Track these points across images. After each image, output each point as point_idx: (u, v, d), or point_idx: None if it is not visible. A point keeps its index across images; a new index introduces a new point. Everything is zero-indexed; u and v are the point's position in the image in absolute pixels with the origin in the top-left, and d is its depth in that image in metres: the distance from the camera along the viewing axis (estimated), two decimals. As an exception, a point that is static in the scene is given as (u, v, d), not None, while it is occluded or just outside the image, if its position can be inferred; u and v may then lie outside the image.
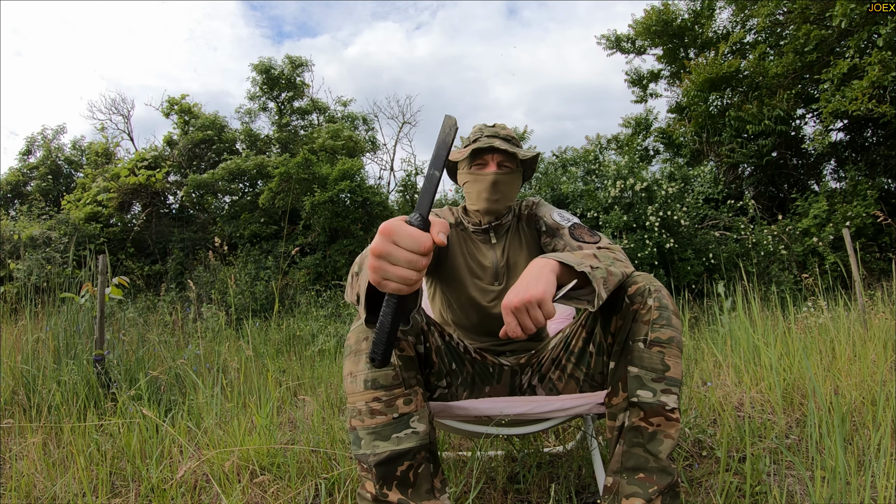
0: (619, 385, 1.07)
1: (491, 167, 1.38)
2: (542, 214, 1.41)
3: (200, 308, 5.15)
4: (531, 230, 1.44)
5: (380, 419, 0.98)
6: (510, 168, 1.39)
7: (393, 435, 0.98)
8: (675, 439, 1.04)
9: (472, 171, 1.40)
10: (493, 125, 1.43)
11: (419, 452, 0.99)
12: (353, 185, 8.01)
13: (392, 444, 0.97)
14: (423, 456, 1.00)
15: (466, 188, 1.43)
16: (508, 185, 1.39)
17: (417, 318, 1.08)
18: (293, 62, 10.55)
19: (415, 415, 1.00)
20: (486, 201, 1.38)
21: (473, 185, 1.39)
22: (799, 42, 7.10)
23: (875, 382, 1.85)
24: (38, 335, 2.97)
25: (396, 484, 0.98)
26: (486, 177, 1.37)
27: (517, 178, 1.43)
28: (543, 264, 1.03)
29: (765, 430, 1.65)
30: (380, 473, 0.98)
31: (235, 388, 2.17)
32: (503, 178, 1.37)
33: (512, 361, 1.35)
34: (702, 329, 4.15)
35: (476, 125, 1.47)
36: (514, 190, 1.42)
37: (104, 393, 2.29)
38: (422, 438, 1.00)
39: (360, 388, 1.00)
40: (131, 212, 9.46)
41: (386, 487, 0.98)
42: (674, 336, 1.05)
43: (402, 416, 0.99)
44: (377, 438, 0.98)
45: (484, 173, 1.37)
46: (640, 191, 5.89)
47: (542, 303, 0.95)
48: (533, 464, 1.47)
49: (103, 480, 1.49)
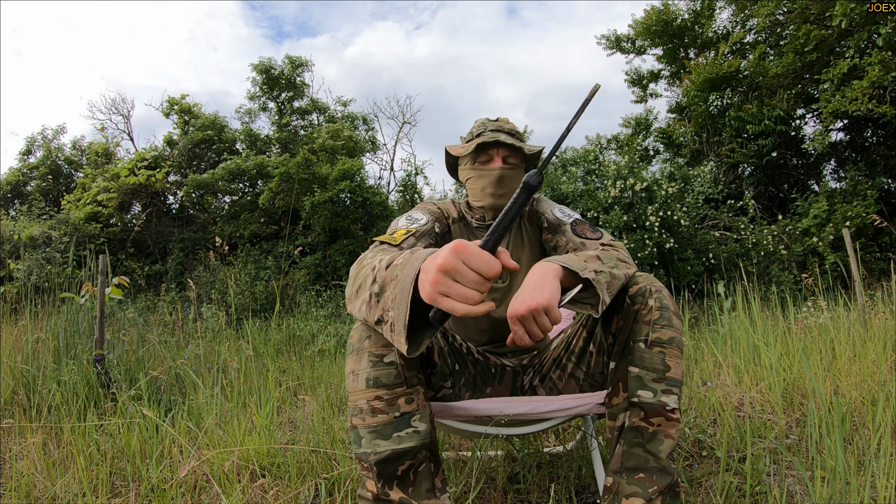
0: (620, 385, 1.07)
1: (496, 162, 1.35)
2: (543, 211, 1.40)
3: (200, 308, 5.15)
4: (532, 227, 1.43)
5: (381, 418, 0.98)
6: (515, 163, 1.36)
7: (394, 434, 0.97)
8: (676, 439, 1.04)
9: (476, 166, 1.37)
10: (497, 119, 1.41)
11: (420, 452, 0.99)
12: (353, 185, 8.01)
13: (393, 443, 0.97)
14: (424, 455, 0.99)
15: (470, 184, 1.40)
16: (513, 180, 1.36)
17: None
18: (293, 62, 10.55)
19: (416, 414, 1.00)
20: (491, 196, 1.35)
21: (478, 180, 1.37)
22: (799, 42, 7.10)
23: (875, 382, 1.85)
24: (38, 335, 2.97)
25: (397, 483, 0.98)
26: (492, 172, 1.34)
27: (521, 173, 1.39)
28: (547, 269, 1.02)
29: (765, 430, 1.65)
30: (381, 472, 0.97)
31: (235, 388, 2.17)
32: (508, 173, 1.34)
33: (514, 362, 1.35)
34: (702, 329, 4.15)
35: (479, 119, 1.44)
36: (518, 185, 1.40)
37: (104, 393, 2.29)
38: (423, 438, 0.99)
39: (361, 387, 0.99)
40: (131, 212, 9.47)
41: (387, 486, 0.98)
42: (674, 336, 1.05)
43: (403, 415, 0.98)
44: (378, 437, 0.97)
45: (489, 168, 1.35)
46: (640, 191, 5.90)
47: (548, 310, 0.95)
48: (533, 464, 1.46)
49: (103, 480, 1.49)
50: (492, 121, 1.40)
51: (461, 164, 1.42)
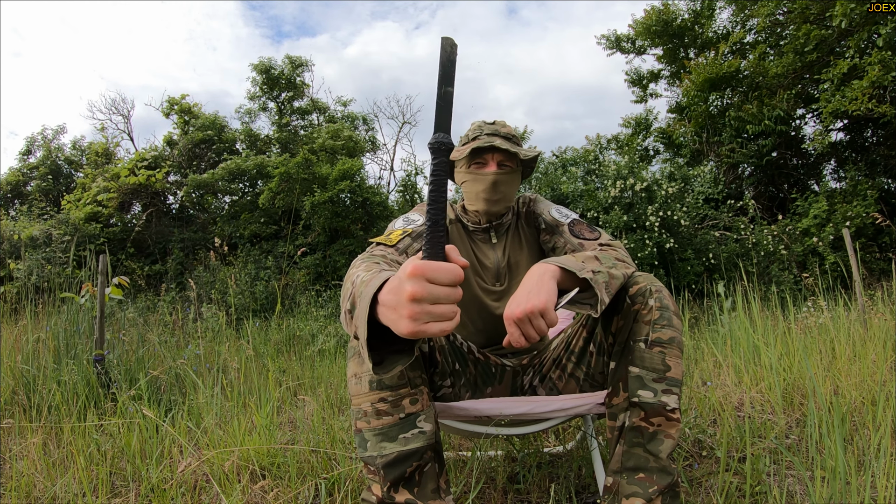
0: (620, 385, 1.07)
1: (491, 167, 1.33)
2: (541, 211, 1.40)
3: (200, 308, 5.15)
4: (530, 228, 1.42)
5: (386, 420, 0.97)
6: (510, 167, 1.35)
7: (400, 435, 0.97)
8: (676, 439, 1.04)
9: (471, 170, 1.36)
10: (493, 122, 1.39)
11: (426, 452, 0.98)
12: (352, 185, 8.01)
13: (399, 445, 0.96)
14: (429, 455, 0.99)
15: (465, 187, 1.39)
16: (508, 185, 1.35)
17: None
18: (293, 62, 10.55)
19: (421, 414, 0.99)
20: (486, 202, 1.34)
21: (472, 184, 1.36)
22: (799, 42, 7.10)
23: (875, 382, 1.85)
24: (38, 335, 2.97)
25: (403, 484, 0.97)
26: (486, 177, 1.33)
27: (517, 177, 1.39)
28: (544, 271, 1.02)
29: (765, 430, 1.65)
30: (388, 475, 0.96)
31: (235, 388, 2.17)
32: (503, 178, 1.33)
33: (514, 362, 1.34)
34: (702, 329, 4.15)
35: (475, 122, 1.42)
36: (514, 189, 1.38)
37: (104, 393, 2.29)
38: (429, 438, 0.99)
39: (365, 389, 0.98)
40: (131, 212, 9.47)
41: (393, 490, 0.97)
42: (675, 336, 1.05)
43: (408, 416, 0.98)
44: (384, 440, 0.96)
45: (484, 173, 1.33)
46: (640, 191, 5.90)
47: (544, 312, 0.95)
48: (533, 464, 1.46)
49: (103, 480, 1.48)
50: (488, 124, 1.38)
51: (457, 167, 1.41)
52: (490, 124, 1.38)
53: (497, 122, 1.39)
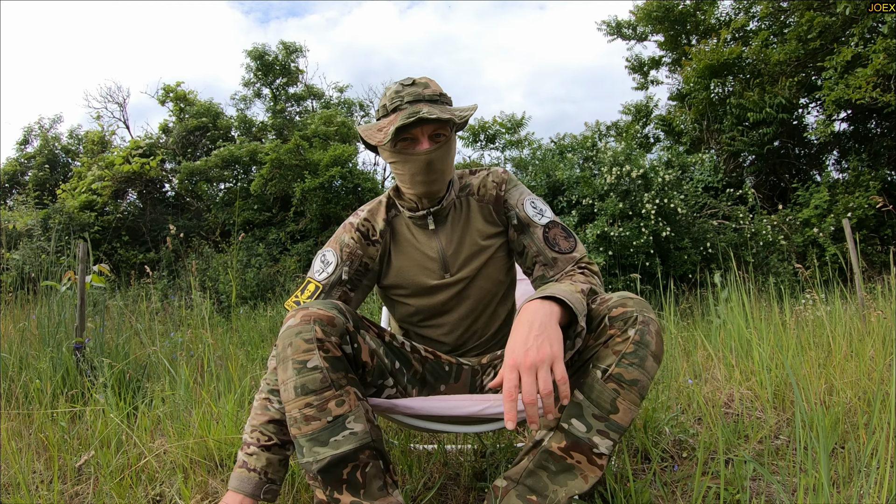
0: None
1: (423, 144, 1.11)
2: (514, 203, 1.22)
3: (190, 296, 5.10)
4: (499, 215, 1.24)
5: (315, 425, 0.93)
6: (445, 136, 1.13)
7: (331, 439, 0.93)
8: (590, 485, 0.94)
9: (398, 149, 1.13)
10: (413, 82, 1.14)
11: (362, 452, 0.94)
12: (343, 171, 7.93)
13: (331, 449, 0.92)
14: (367, 455, 0.94)
15: (395, 168, 1.17)
16: (444, 159, 1.14)
17: (342, 318, 0.99)
18: (287, 48, 10.41)
19: (350, 415, 0.94)
20: (422, 184, 1.15)
21: (403, 166, 1.14)
22: (802, 29, 6.96)
23: (872, 381, 1.77)
24: (22, 324, 2.96)
25: (346, 486, 0.93)
26: (418, 157, 1.11)
27: (452, 145, 1.17)
28: (550, 312, 0.90)
29: (753, 430, 1.59)
30: (325, 480, 0.93)
31: (212, 376, 2.12)
32: (438, 153, 1.12)
33: (473, 361, 1.27)
34: (696, 320, 4.09)
35: (390, 86, 1.16)
36: (452, 160, 1.19)
37: (81, 381, 2.26)
38: (361, 438, 0.94)
39: (291, 396, 0.94)
40: (126, 200, 9.41)
41: (336, 492, 0.93)
42: (639, 380, 0.92)
43: (336, 419, 0.93)
44: (316, 444, 0.93)
45: (415, 153, 1.11)
46: (636, 178, 5.80)
47: (554, 363, 0.85)
48: (503, 459, 1.41)
49: (70, 467, 1.49)
50: (406, 86, 1.13)
51: (380, 147, 1.17)
52: (409, 85, 1.13)
53: (417, 82, 1.14)
